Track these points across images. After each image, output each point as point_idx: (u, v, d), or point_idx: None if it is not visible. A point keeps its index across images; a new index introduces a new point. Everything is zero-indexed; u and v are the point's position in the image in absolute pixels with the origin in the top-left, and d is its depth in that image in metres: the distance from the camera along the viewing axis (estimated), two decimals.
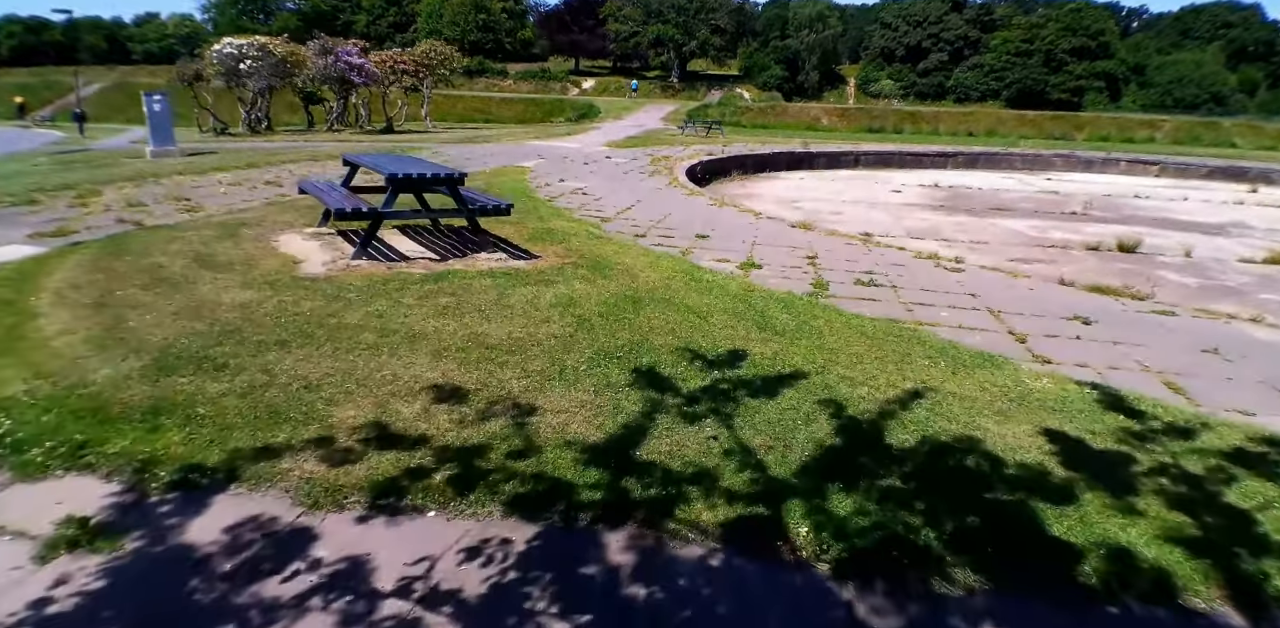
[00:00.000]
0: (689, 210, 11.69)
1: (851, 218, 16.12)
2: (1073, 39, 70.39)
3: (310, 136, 25.52)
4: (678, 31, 70.84)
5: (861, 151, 29.03)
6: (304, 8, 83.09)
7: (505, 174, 14.89)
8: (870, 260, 8.63)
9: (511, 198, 11.25)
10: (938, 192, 21.80)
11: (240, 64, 25.18)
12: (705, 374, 4.50)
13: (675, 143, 27.39)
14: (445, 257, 7.45)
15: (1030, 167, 29.99)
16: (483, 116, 45.77)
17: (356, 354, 4.59)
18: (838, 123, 43.39)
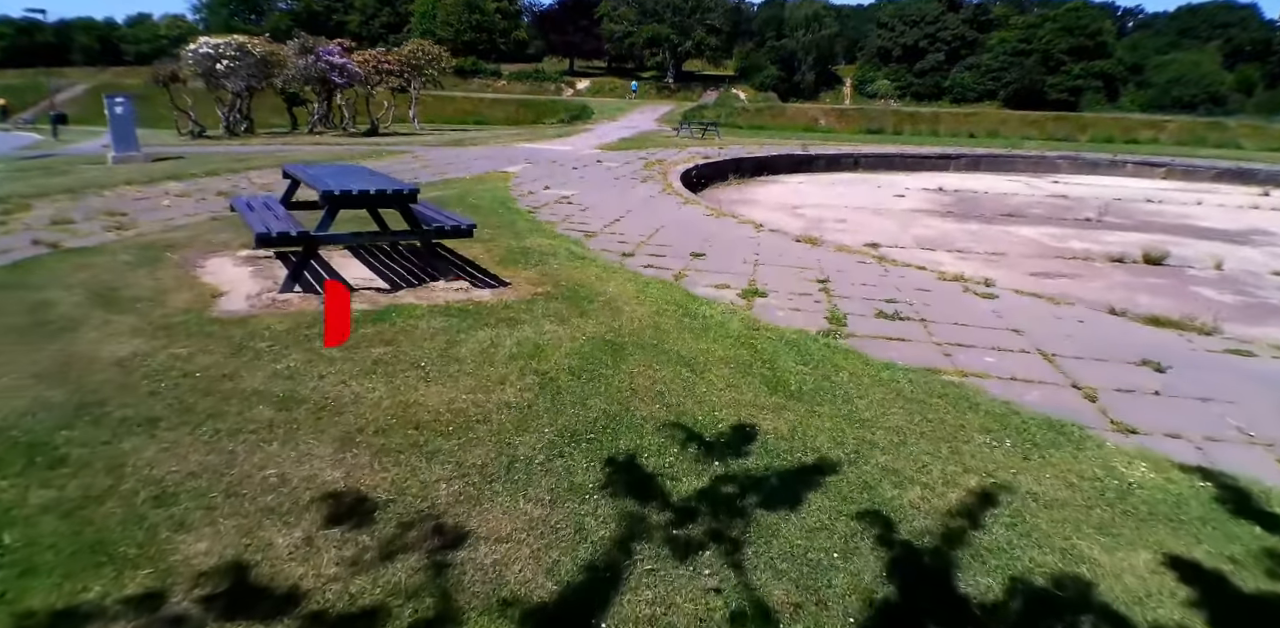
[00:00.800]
0: (684, 222, 10.55)
1: (857, 226, 15.05)
2: (1070, 39, 69.43)
3: (290, 139, 24.32)
4: (673, 31, 69.73)
5: (862, 154, 27.90)
6: (296, 8, 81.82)
7: (487, 181, 13.74)
8: (889, 284, 7.49)
9: (489, 209, 10.14)
10: (943, 196, 20.70)
11: (217, 64, 23.97)
12: (702, 467, 3.35)
13: (670, 145, 26.25)
14: (397, 286, 6.30)
15: (1035, 169, 28.89)
16: (473, 118, 44.49)
17: (241, 440, 3.44)
18: (836, 124, 42.26)
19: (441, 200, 10.72)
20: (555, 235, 8.75)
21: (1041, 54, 69.78)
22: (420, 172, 14.80)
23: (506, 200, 11.36)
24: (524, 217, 9.94)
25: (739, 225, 10.72)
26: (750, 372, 4.57)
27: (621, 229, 9.62)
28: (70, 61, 78.63)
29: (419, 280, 6.45)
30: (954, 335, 5.80)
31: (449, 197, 11.17)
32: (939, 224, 15.88)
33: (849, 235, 14.04)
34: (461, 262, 7.12)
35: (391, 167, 15.44)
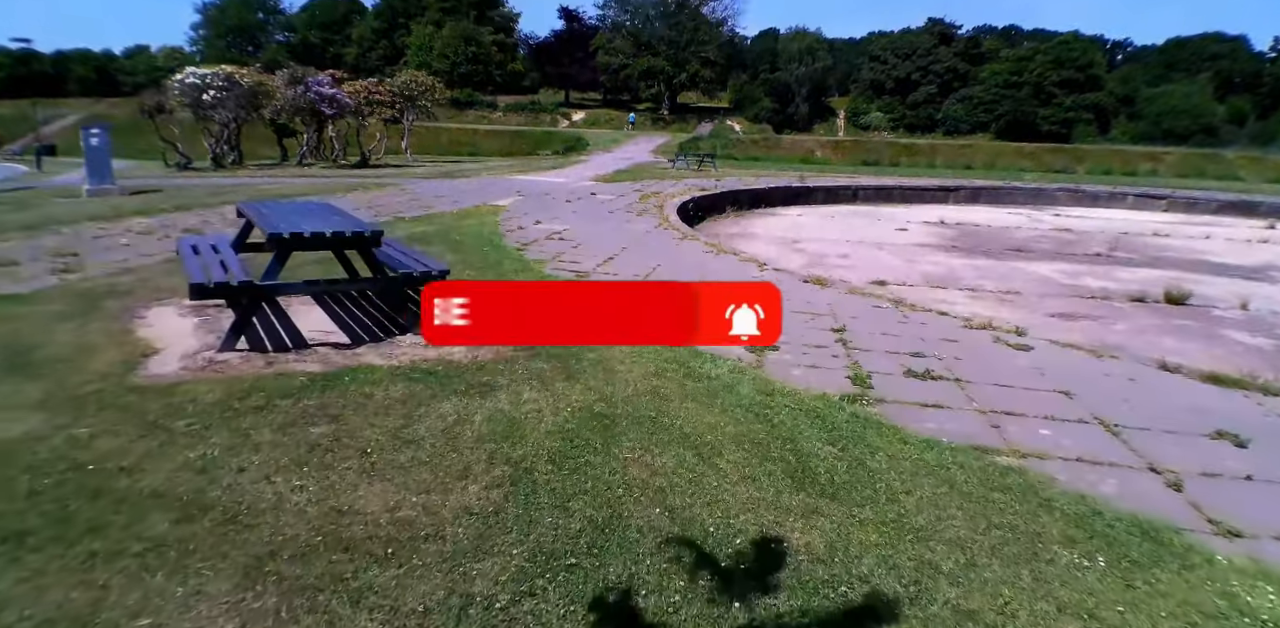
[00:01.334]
0: (683, 260, 9.82)
1: (860, 261, 14.39)
2: (1061, 71, 69.74)
3: (277, 171, 23.69)
4: (668, 64, 69.94)
5: (860, 185, 27.39)
6: (293, 40, 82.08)
7: (474, 215, 13.02)
8: (911, 332, 6.73)
9: (473, 246, 9.41)
10: (945, 229, 20.08)
11: (204, 94, 23.42)
12: (720, 612, 2.54)
13: (666, 177, 25.69)
14: (359, 339, 5.51)
15: (1034, 201, 28.39)
16: (468, 149, 44.04)
17: (120, 567, 2.62)
18: (832, 156, 41.93)
19: (423, 237, 9.99)
20: (544, 276, 8.00)
21: (1033, 86, 70.02)
22: (405, 205, 14.11)
23: (493, 236, 10.63)
24: (511, 254, 9.20)
25: (741, 263, 9.99)
26: (769, 456, 3.77)
27: (616, 268, 8.88)
28: (67, 92, 78.50)
29: (385, 333, 5.67)
30: (997, 399, 5.01)
31: (431, 233, 10.45)
32: (945, 260, 15.21)
33: (854, 272, 13.37)
34: None
35: (375, 200, 14.76)
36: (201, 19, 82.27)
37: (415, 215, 12.63)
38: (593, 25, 78.92)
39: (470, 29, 75.59)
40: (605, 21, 76.34)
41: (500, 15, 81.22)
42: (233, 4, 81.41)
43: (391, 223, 11.38)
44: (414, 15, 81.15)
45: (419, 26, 77.97)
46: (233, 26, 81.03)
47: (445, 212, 13.42)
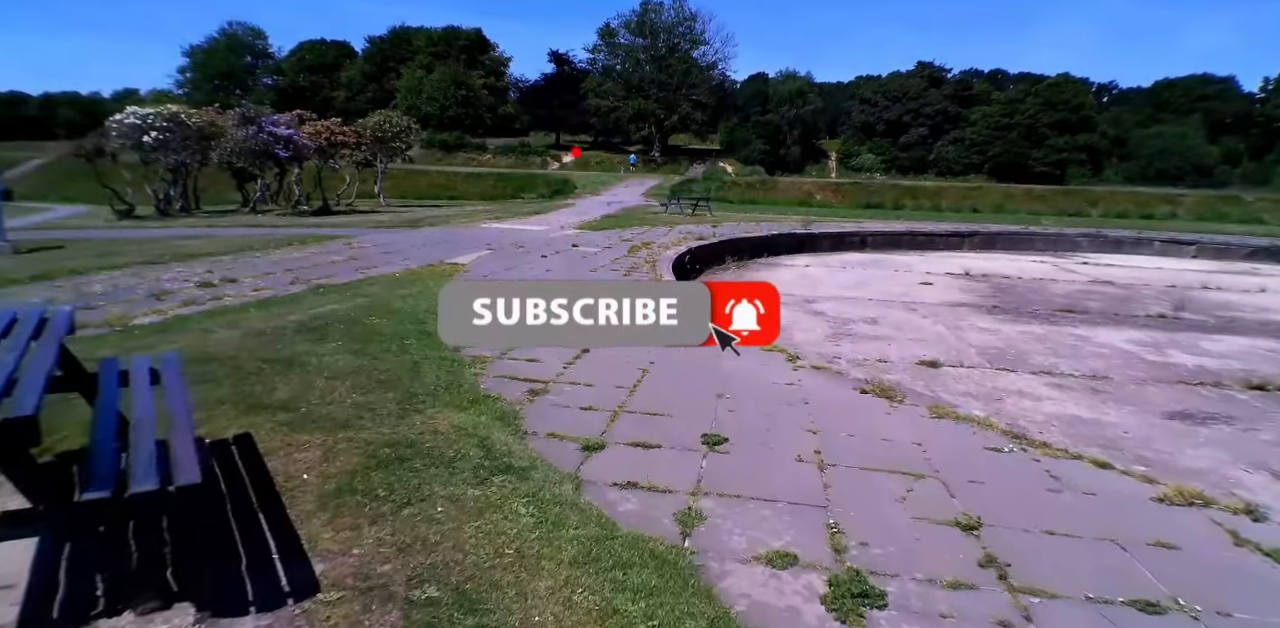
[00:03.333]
0: (679, 350, 7.03)
1: (895, 329, 11.70)
2: (1053, 113, 68.38)
3: (224, 220, 20.93)
4: (659, 106, 68.22)
5: (868, 232, 24.78)
6: (281, 84, 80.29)
7: (419, 280, 10.19)
8: (1081, 520, 3.85)
9: (389, 337, 6.55)
10: (974, 283, 17.40)
11: (145, 136, 20.76)
12: None
13: (658, 223, 23.03)
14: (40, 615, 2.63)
15: (1054, 247, 25.85)
16: (448, 193, 41.18)
17: None
18: (832, 198, 39.49)
19: (324, 321, 7.14)
20: (474, 399, 5.12)
21: (1025, 128, 68.55)
22: (338, 267, 11.29)
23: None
24: (437, 353, 6.34)
25: (765, 355, 7.16)
26: None
27: (588, 373, 6.03)
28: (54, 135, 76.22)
29: (111, 586, 2.78)
30: None
31: (341, 313, 7.60)
32: (993, 325, 12.47)
33: (894, 346, 10.63)
34: (234, 508, 3.45)
35: (303, 261, 11.94)
36: (188, 62, 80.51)
37: (342, 282, 9.80)
38: (583, 69, 77.50)
39: (460, 73, 73.98)
40: (595, 65, 74.88)
41: (491, 59, 79.76)
42: (220, 48, 79.71)
43: (295, 299, 8.52)
44: (404, 59, 79.72)
45: (409, 70, 76.38)
46: (220, 70, 79.17)
47: (385, 275, 10.59)
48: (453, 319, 2.50)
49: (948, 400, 6.43)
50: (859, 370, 8.87)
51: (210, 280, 9.49)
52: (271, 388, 4.99)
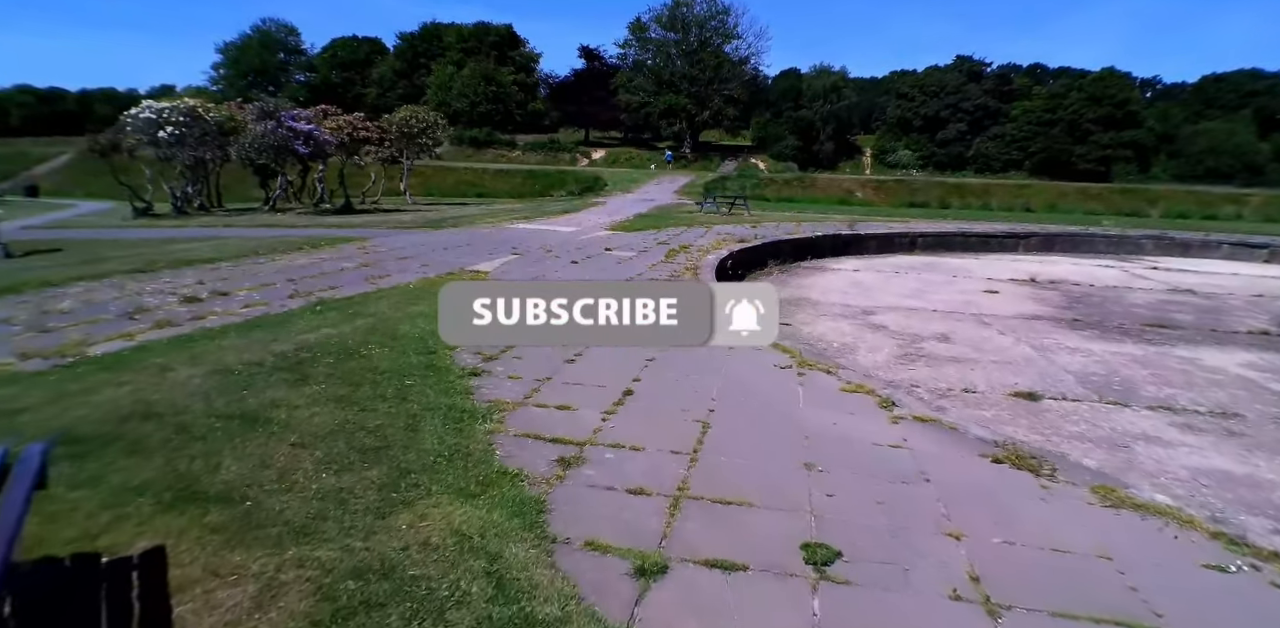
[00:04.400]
0: (748, 395, 5.62)
1: (972, 349, 10.27)
2: (1098, 108, 65.57)
3: (240, 220, 19.85)
4: (690, 102, 66.53)
5: (917, 232, 23.15)
6: (313, 80, 79.77)
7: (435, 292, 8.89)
8: None
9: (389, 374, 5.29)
10: (1044, 291, 15.80)
11: (161, 131, 19.74)
12: None
13: (694, 222, 21.60)
14: None
15: (1117, 250, 24.01)
16: (475, 191, 39.82)
17: None
18: (873, 197, 37.62)
19: (318, 349, 5.86)
20: (484, 481, 3.77)
21: (1068, 123, 65.84)
22: (348, 276, 10.03)
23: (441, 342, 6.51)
24: (451, 395, 5.02)
25: (848, 397, 5.73)
26: None
27: (635, 427, 4.67)
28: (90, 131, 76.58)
29: None
30: None
31: (336, 339, 6.31)
32: (1081, 343, 10.96)
33: (976, 370, 9.20)
34: None
35: (309, 267, 10.71)
36: (222, 59, 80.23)
37: (347, 295, 8.52)
38: (613, 64, 75.99)
39: (490, 69, 72.86)
40: (626, 60, 73.32)
41: (521, 55, 78.49)
42: (253, 44, 79.31)
43: (286, 319, 7.24)
44: (435, 56, 78.79)
45: (439, 67, 75.41)
46: (253, 67, 78.78)
47: (397, 286, 9.31)
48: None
49: (1137, 499, 4.93)
50: (954, 406, 7.45)
51: (197, 294, 8.26)
52: (215, 464, 3.69)
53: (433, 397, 4.95)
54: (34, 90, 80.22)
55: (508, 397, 5.16)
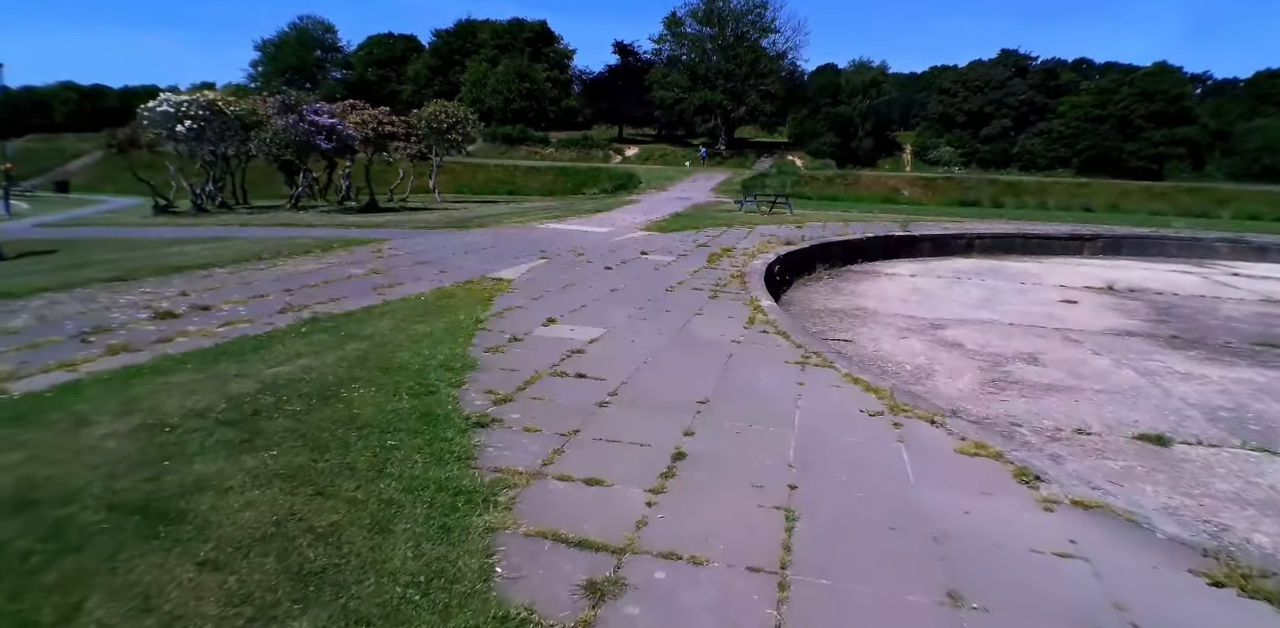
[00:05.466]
0: (831, 455, 4.29)
1: (1069, 374, 8.86)
2: (1149, 104, 62.66)
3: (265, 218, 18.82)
4: (726, 97, 64.79)
5: (974, 233, 21.50)
6: (350, 78, 79.37)
7: (447, 308, 7.63)
8: None
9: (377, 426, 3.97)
10: (1126, 301, 14.19)
11: (179, 125, 18.79)
12: None
13: (734, 223, 20.18)
14: None
15: (1190, 253, 22.13)
16: (506, 188, 38.54)
17: None
18: (921, 195, 35.71)
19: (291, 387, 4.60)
20: (483, 603, 2.49)
21: (1118, 120, 63.02)
22: (355, 284, 8.81)
23: (445, 375, 5.21)
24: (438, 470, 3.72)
25: (970, 465, 4.31)
26: None
27: (695, 518, 3.34)
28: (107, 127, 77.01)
29: None
30: None
31: (327, 369, 5.06)
32: (1192, 367, 9.43)
33: (1083, 403, 7.87)
34: None
35: (319, 271, 9.52)
36: (260, 56, 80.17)
37: (347, 309, 7.28)
38: (647, 60, 74.51)
39: (524, 66, 71.82)
40: (660, 56, 71.79)
41: (555, 52, 77.37)
42: (290, 42, 79.14)
43: (263, 344, 6.00)
44: (469, 53, 77.97)
45: (474, 63, 74.55)
46: (291, 64, 78.61)
47: (407, 297, 8.05)
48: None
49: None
50: (1072, 454, 6.02)
51: (174, 309, 7.07)
52: (75, 605, 2.41)
53: (420, 467, 3.65)
54: (77, 87, 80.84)
55: (521, 463, 3.84)
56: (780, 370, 6.07)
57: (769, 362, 6.32)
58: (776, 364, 6.27)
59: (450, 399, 4.71)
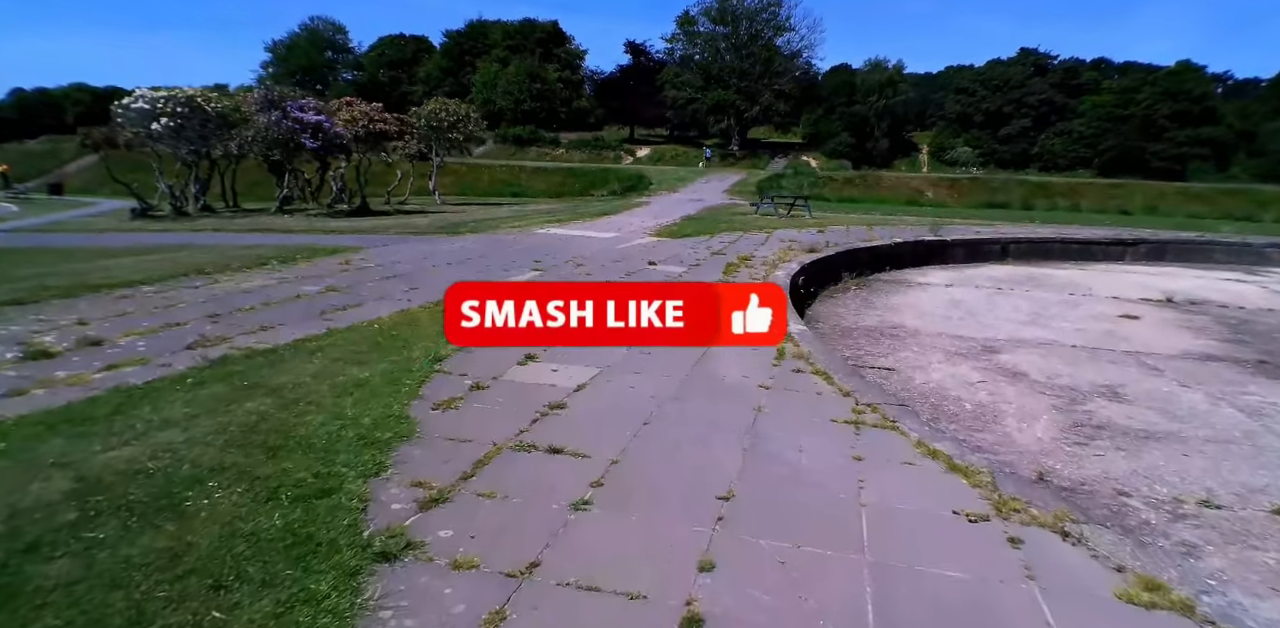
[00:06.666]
0: (938, 607, 2.71)
1: (1163, 415, 7.43)
2: (1173, 104, 60.43)
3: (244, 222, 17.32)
4: (739, 97, 63.02)
5: (1008, 238, 19.76)
6: (360, 79, 78.10)
7: (411, 333, 6.08)
8: None
9: (231, 551, 2.26)
10: (1191, 315, 12.51)
11: (155, 123, 17.35)
12: None
13: (750, 227, 18.54)
14: None
15: (1240, 260, 20.31)
16: (511, 190, 36.72)
17: None
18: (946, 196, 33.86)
19: (122, 482, 3.01)
20: None
21: (1141, 119, 60.82)
22: (302, 305, 7.26)
23: (365, 454, 3.65)
24: None
25: (1147, 621, 2.74)
26: None
27: None
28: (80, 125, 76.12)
29: None
30: None
31: (187, 451, 3.50)
32: None
33: (1192, 457, 6.96)
34: None
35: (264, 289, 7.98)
36: (271, 58, 79.09)
37: (269, 345, 5.72)
38: (660, 59, 72.82)
39: (535, 66, 70.31)
40: (673, 55, 70.08)
41: (566, 52, 75.78)
42: (301, 43, 77.98)
43: (135, 399, 4.46)
44: (480, 53, 76.55)
45: (484, 64, 73.12)
46: (301, 65, 77.45)
47: (356, 325, 6.48)
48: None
49: None
50: (1210, 543, 4.40)
51: (56, 344, 5.54)
52: None
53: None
54: (90, 89, 79.83)
55: None
56: (828, 437, 4.46)
57: (811, 421, 4.71)
58: (821, 425, 4.66)
59: (354, 505, 3.14)
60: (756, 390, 5.33)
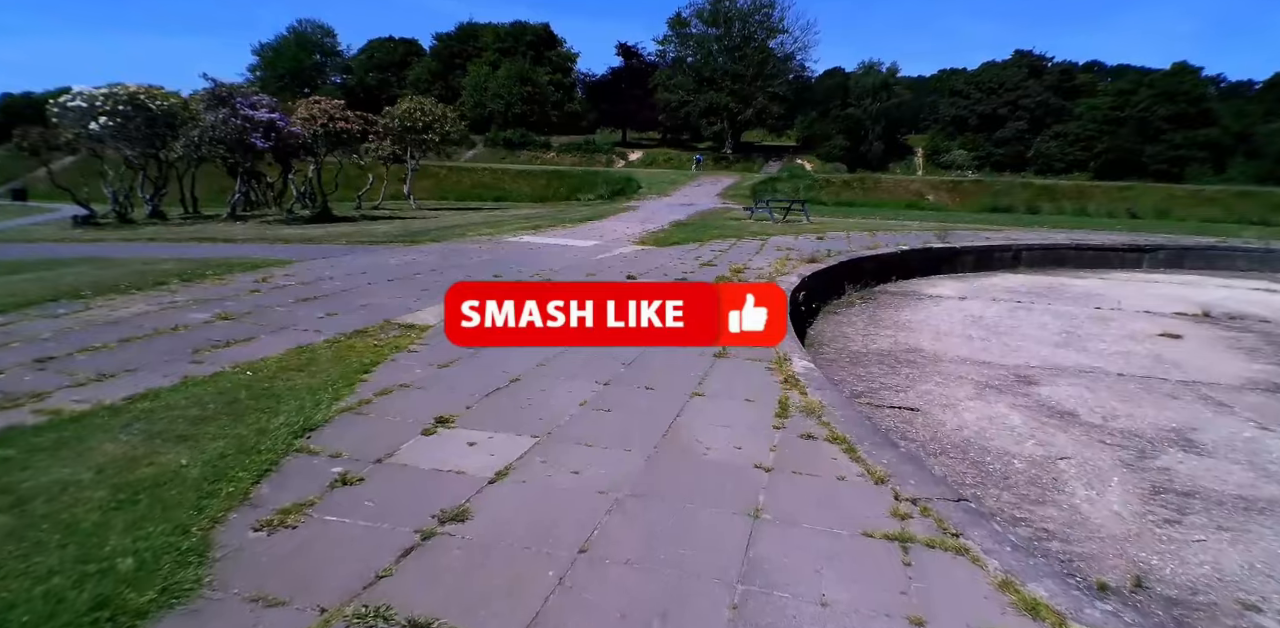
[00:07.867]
0: None
1: (1249, 469, 6.18)
2: (1170, 105, 59.17)
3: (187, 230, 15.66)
4: (732, 100, 61.48)
5: (1020, 244, 18.22)
6: (349, 82, 76.37)
7: (291, 384, 4.49)
8: None
9: None
10: (1236, 332, 11.02)
11: (93, 122, 15.70)
12: None
13: (744, 233, 16.96)
14: None
15: (1261, 266, 18.83)
16: (494, 194, 34.77)
17: None
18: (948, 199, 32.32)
19: None
20: None
21: (1137, 121, 59.52)
22: (182, 338, 5.67)
23: None
24: None
25: None
26: None
27: None
28: None
29: None
30: None
31: None
32: None
33: None
34: None
35: (143, 317, 6.36)
36: (258, 61, 77.21)
37: (88, 405, 4.11)
38: (652, 62, 71.25)
39: (527, 69, 68.70)
40: (665, 57, 68.53)
41: (558, 55, 74.18)
42: (289, 46, 76.17)
43: None
44: (471, 56, 74.93)
45: (475, 67, 71.49)
46: (289, 69, 75.61)
47: (231, 367, 4.88)
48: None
49: None
50: None
51: None
52: None
53: None
54: None
55: None
56: (863, 568, 2.85)
57: (835, 538, 3.11)
58: (851, 545, 3.05)
59: None
60: (752, 474, 3.73)
